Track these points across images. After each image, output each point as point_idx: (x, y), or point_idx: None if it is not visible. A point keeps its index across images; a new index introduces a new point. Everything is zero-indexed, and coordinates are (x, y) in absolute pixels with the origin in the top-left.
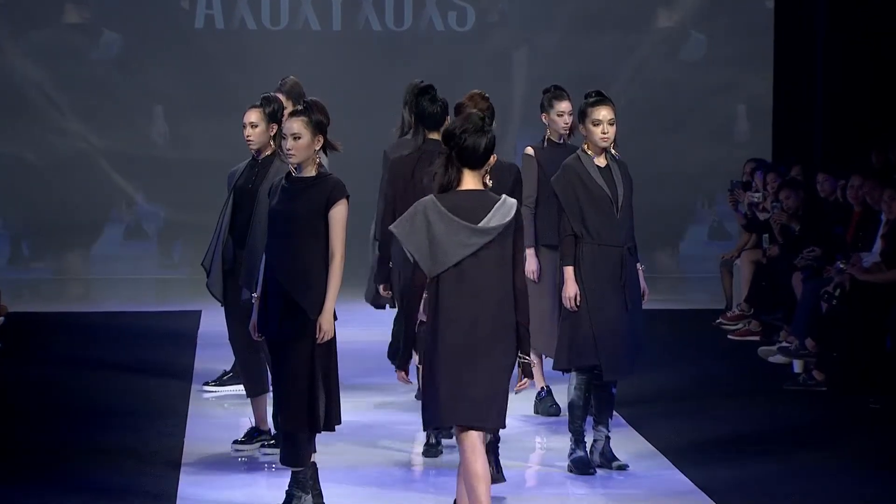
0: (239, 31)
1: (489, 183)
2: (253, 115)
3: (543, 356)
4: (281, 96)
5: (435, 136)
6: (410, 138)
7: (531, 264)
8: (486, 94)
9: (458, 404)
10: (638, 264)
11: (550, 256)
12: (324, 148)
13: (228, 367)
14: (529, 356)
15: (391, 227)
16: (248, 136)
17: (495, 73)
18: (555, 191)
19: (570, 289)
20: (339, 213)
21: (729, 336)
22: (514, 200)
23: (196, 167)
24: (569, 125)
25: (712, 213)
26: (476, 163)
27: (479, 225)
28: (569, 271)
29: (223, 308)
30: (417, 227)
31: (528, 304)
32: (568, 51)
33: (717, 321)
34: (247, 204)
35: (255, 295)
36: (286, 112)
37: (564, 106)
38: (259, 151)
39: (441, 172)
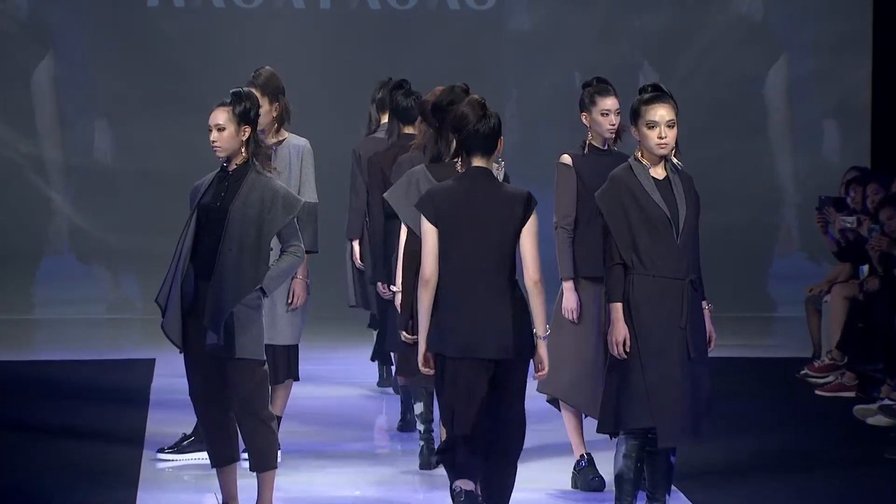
0: (203, 9)
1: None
2: (220, 116)
3: (584, 416)
4: (255, 91)
5: (410, 130)
6: (380, 136)
7: (570, 301)
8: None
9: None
10: (704, 302)
11: (593, 291)
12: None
13: (189, 430)
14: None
15: (385, 196)
16: (214, 142)
17: (522, 62)
18: (600, 209)
19: (619, 331)
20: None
21: (817, 391)
22: (501, 171)
23: (150, 180)
24: (615, 127)
25: (796, 236)
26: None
27: None
28: (617, 309)
29: (182, 356)
30: (411, 196)
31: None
32: (613, 35)
33: (802, 372)
34: (214, 226)
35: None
36: (262, 111)
37: (610, 103)
38: (229, 160)
39: (431, 144)
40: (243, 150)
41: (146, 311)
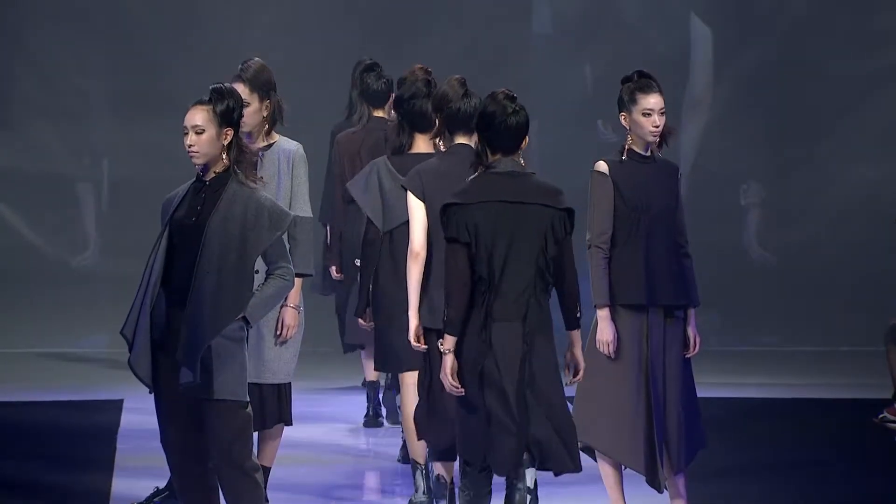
0: None
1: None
2: (198, 116)
3: (624, 468)
4: (240, 87)
5: (380, 113)
6: (357, 119)
7: (605, 332)
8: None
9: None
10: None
11: (633, 321)
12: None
13: (162, 483)
14: None
15: (348, 185)
16: (191, 146)
17: (549, 53)
18: None
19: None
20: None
21: None
22: None
23: (116, 191)
24: (659, 129)
25: (882, 256)
26: (425, 126)
27: None
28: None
29: (152, 396)
30: (371, 186)
31: None
32: (654, 21)
33: (881, 416)
34: (189, 244)
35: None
36: (251, 110)
37: (653, 101)
38: (206, 168)
39: (394, 136)
40: (224, 156)
41: (112, 345)
